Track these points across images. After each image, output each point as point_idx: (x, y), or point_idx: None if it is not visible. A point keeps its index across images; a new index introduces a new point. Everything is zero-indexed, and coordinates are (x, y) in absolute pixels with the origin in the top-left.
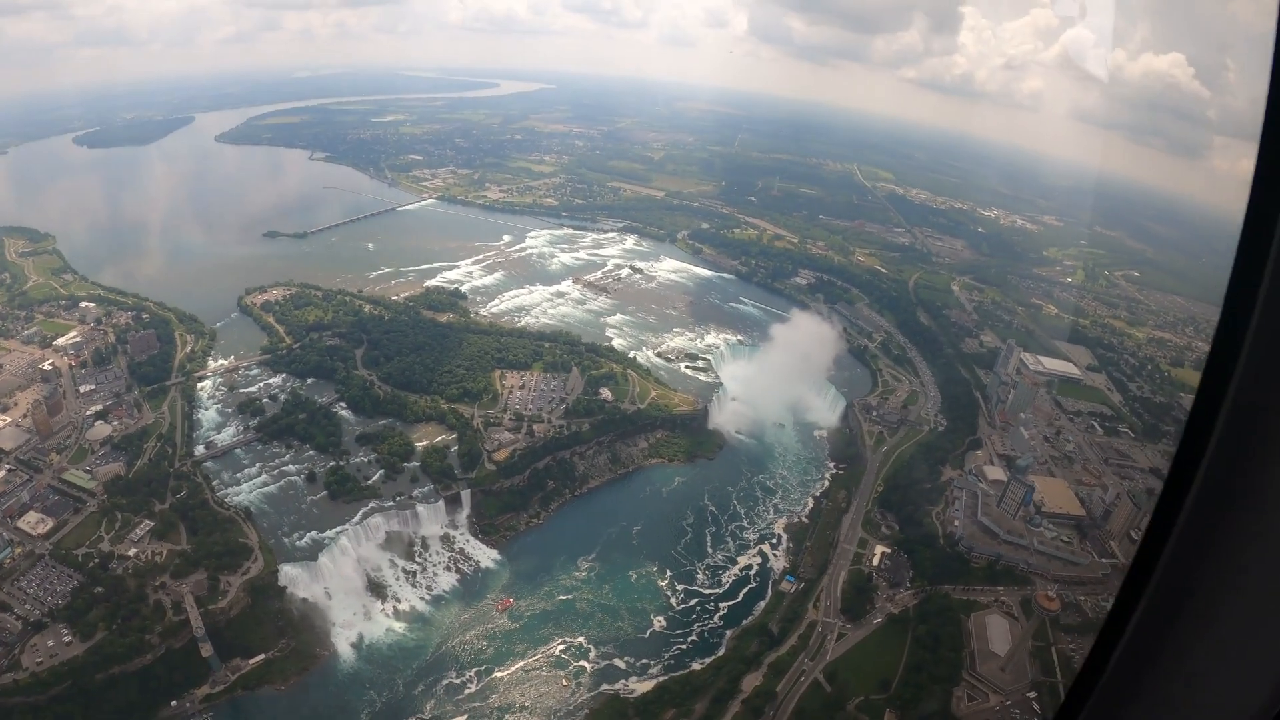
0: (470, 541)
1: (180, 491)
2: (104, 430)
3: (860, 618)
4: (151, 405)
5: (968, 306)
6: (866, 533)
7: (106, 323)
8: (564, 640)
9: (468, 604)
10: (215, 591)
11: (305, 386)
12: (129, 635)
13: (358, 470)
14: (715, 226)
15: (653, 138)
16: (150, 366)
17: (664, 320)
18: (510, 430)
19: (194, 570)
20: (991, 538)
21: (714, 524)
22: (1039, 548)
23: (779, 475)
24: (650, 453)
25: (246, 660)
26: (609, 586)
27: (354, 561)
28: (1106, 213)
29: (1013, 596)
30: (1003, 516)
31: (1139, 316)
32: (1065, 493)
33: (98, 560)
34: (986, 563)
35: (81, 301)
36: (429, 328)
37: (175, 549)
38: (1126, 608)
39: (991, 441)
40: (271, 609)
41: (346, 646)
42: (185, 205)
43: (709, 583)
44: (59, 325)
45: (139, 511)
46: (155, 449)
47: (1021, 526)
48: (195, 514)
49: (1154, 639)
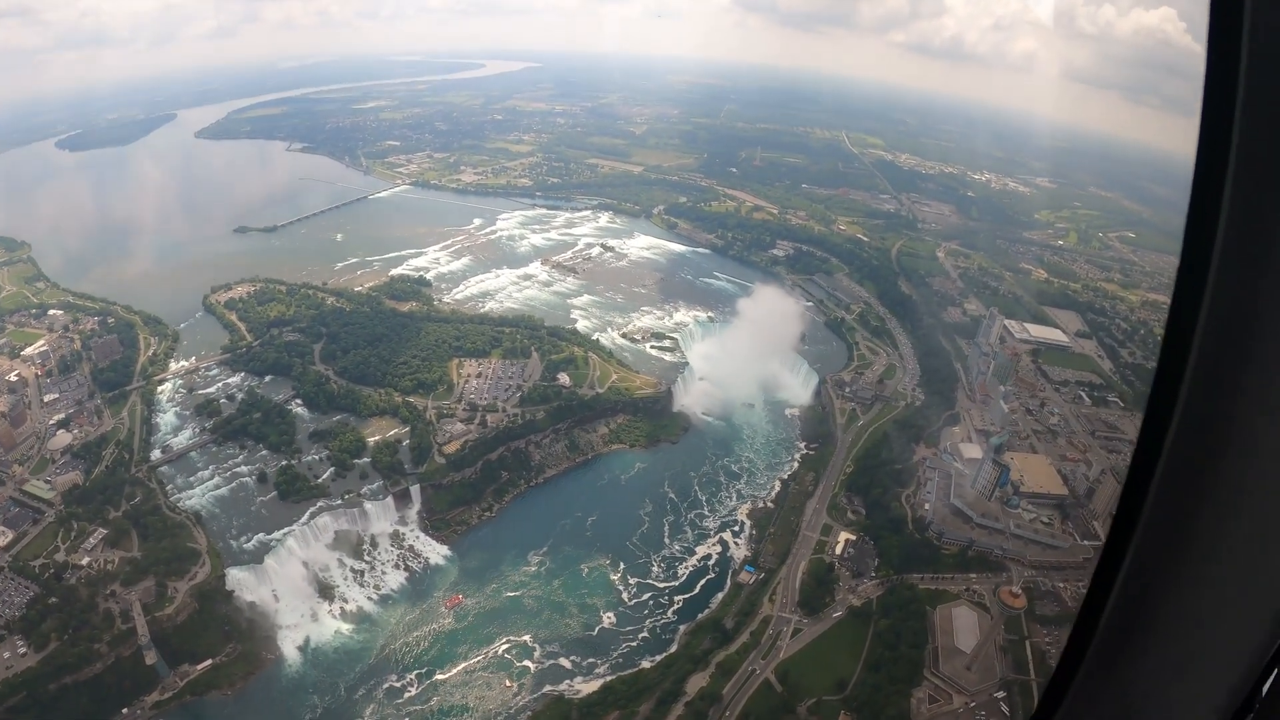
0: (420, 538)
1: (134, 498)
2: (65, 439)
3: (819, 611)
4: (113, 411)
5: (953, 274)
6: (831, 518)
7: (74, 329)
8: (509, 639)
9: (415, 603)
10: (163, 598)
11: (263, 385)
12: (79, 645)
13: (309, 469)
14: (693, 200)
15: (636, 112)
16: (112, 372)
17: (632, 299)
18: (463, 421)
19: (143, 578)
20: (964, 521)
21: (673, 512)
22: (1015, 531)
23: (745, 458)
24: (611, 439)
25: (194, 666)
26: (559, 582)
27: (301, 563)
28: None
29: (986, 585)
30: (977, 498)
31: (1133, 279)
32: (1047, 470)
33: (52, 571)
34: (958, 549)
35: (50, 310)
36: (389, 318)
37: (127, 556)
38: (1100, 595)
39: (970, 416)
40: (218, 614)
41: (293, 650)
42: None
43: (664, 575)
44: (28, 335)
45: (94, 520)
46: (113, 456)
47: (997, 508)
48: (147, 520)
49: (1131, 623)
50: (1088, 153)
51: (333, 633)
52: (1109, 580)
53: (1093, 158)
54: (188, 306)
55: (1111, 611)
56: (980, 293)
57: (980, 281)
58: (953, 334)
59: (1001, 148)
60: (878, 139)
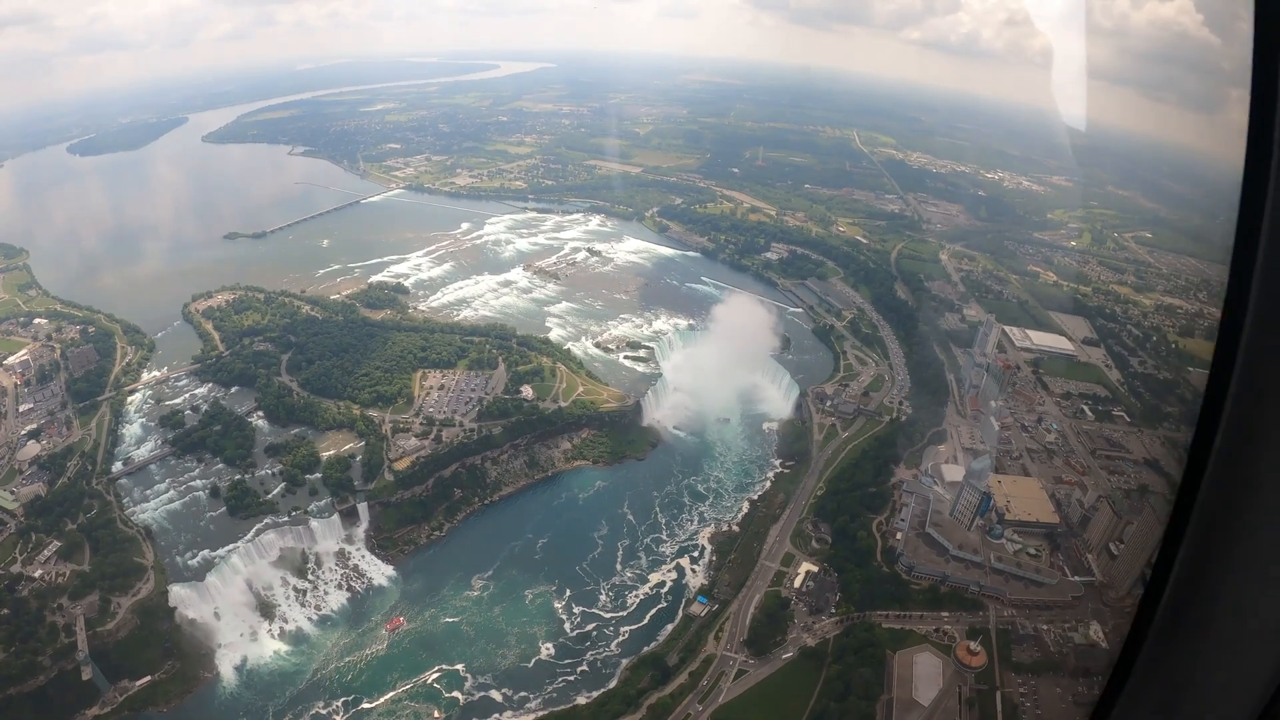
0: (366, 557)
1: (91, 511)
2: (34, 449)
3: (767, 652)
4: (82, 422)
5: (954, 277)
6: (795, 547)
7: (57, 338)
8: (442, 667)
9: (353, 625)
10: (105, 613)
11: (228, 396)
12: (24, 657)
13: (260, 484)
14: (689, 201)
15: (644, 112)
16: (85, 382)
17: (612, 306)
18: (418, 436)
19: (90, 592)
20: (939, 554)
21: (630, 535)
22: (996, 565)
23: (714, 477)
24: (574, 454)
25: (134, 682)
26: (500, 608)
27: (244, 580)
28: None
29: (958, 626)
30: (955, 527)
31: (1148, 281)
32: (1038, 495)
33: (6, 582)
34: (929, 585)
35: (36, 318)
36: (358, 327)
37: (77, 570)
38: (1156, 589)
39: (957, 434)
40: (160, 630)
41: (230, 669)
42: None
43: (612, 605)
44: (13, 343)
45: (51, 532)
46: (76, 467)
47: (977, 539)
48: (99, 534)
49: (1183, 616)
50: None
51: (271, 653)
52: (1163, 575)
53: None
54: (168, 315)
55: (1165, 606)
56: (983, 297)
57: (983, 285)
58: (948, 342)
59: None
60: (890, 137)
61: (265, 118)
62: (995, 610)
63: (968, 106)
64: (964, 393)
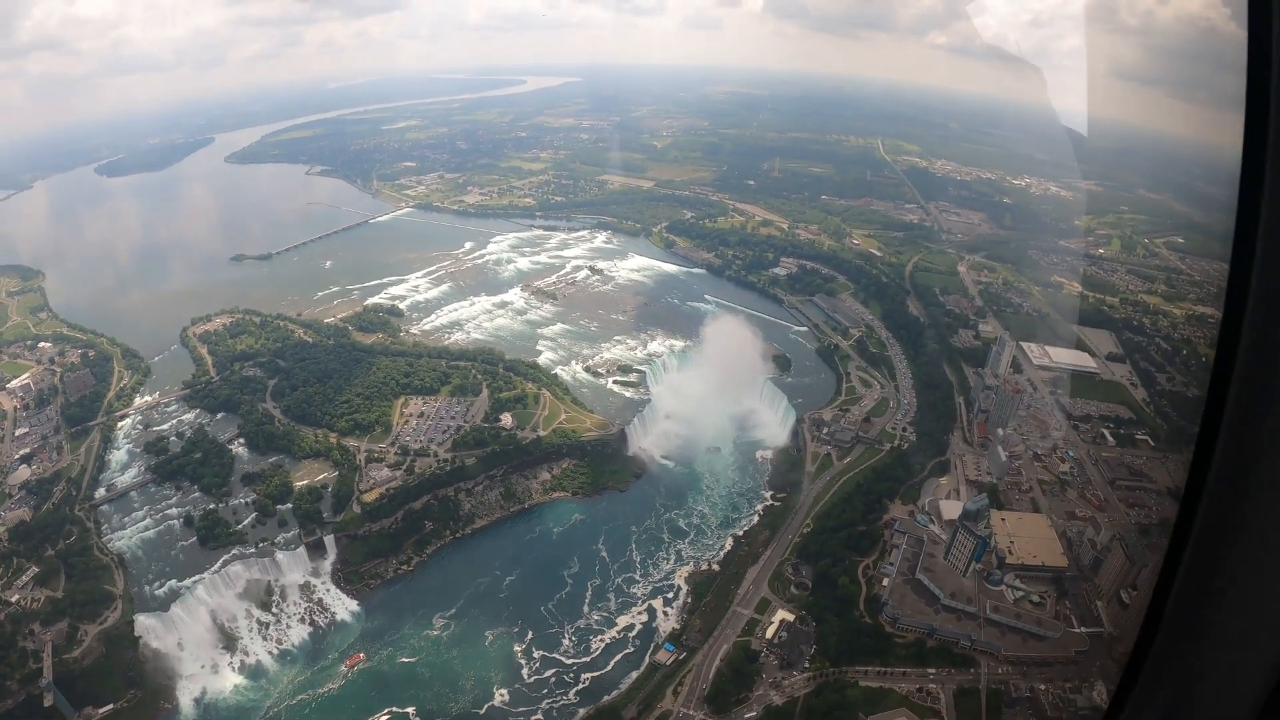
0: (331, 591)
1: (70, 537)
2: (24, 474)
3: (728, 710)
4: (72, 446)
5: (972, 290)
6: (773, 591)
7: (59, 361)
8: (392, 710)
9: (312, 661)
10: (73, 640)
11: (214, 422)
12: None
13: (233, 513)
14: (699, 216)
15: (665, 125)
16: (78, 407)
17: (607, 327)
18: (391, 467)
19: (60, 618)
20: (929, 603)
21: (601, 574)
22: (992, 616)
23: (698, 511)
24: (553, 485)
25: (97, 709)
26: (459, 650)
27: (209, 612)
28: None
29: (945, 686)
30: (949, 573)
31: (1179, 290)
32: (1045, 534)
33: None
34: (915, 638)
35: (41, 341)
36: (346, 352)
37: (51, 595)
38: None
39: (961, 465)
40: (124, 659)
41: (189, 701)
42: (167, 233)
43: (574, 649)
44: (19, 366)
45: (32, 557)
46: (62, 493)
47: (972, 586)
48: (75, 560)
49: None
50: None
51: (230, 686)
52: (1170, 575)
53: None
54: (167, 339)
55: (1173, 605)
56: (1001, 311)
57: (1002, 298)
58: (960, 361)
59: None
60: (915, 145)
61: (288, 137)
62: (988, 667)
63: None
64: (972, 418)
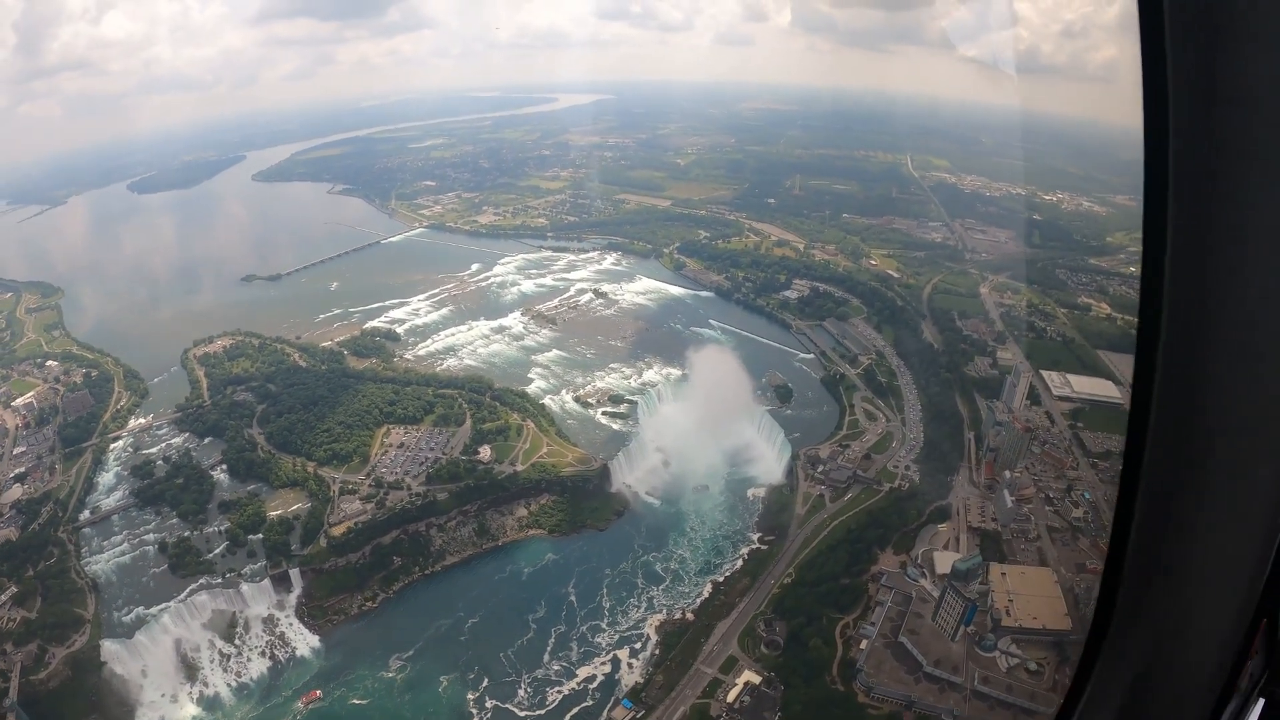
0: (294, 625)
1: (51, 558)
2: (16, 493)
3: None
4: (65, 467)
5: (993, 314)
6: (741, 649)
7: (64, 380)
8: None
9: (267, 696)
10: (41, 662)
11: (201, 446)
12: None
13: (205, 541)
14: (714, 236)
15: (690, 142)
16: (74, 427)
17: (604, 355)
18: (363, 499)
19: (33, 639)
20: (909, 670)
21: (567, 620)
22: (979, 688)
23: (678, 555)
24: (529, 522)
25: None
26: (410, 695)
27: (173, 641)
28: None
29: None
30: (936, 635)
31: None
32: (1050, 591)
33: None
34: (889, 710)
35: (49, 360)
36: (335, 378)
37: (27, 616)
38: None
39: (964, 510)
40: (88, 684)
41: None
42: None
43: (529, 700)
44: (27, 384)
45: (12, 578)
46: (49, 514)
47: (961, 652)
48: (52, 582)
49: None
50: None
51: (188, 717)
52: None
53: None
54: (169, 360)
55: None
56: (1022, 337)
57: (1026, 322)
58: (973, 391)
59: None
60: (944, 160)
61: (316, 155)
62: None
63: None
64: (981, 456)
